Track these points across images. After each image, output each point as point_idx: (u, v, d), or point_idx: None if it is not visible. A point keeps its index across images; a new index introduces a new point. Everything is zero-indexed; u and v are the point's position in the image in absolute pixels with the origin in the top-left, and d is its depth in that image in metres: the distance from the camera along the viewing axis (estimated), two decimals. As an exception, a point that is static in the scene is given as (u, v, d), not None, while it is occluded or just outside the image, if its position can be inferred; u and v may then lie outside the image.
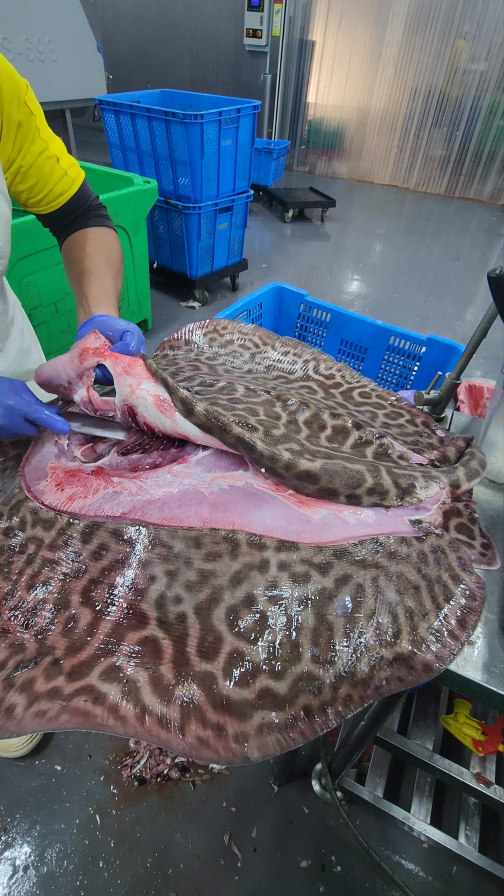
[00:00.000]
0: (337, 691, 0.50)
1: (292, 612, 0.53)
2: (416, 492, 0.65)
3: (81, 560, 0.58)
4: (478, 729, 1.04)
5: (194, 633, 0.52)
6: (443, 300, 3.77)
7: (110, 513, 0.61)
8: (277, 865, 1.19)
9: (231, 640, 0.51)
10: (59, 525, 0.61)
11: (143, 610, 0.54)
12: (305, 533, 0.59)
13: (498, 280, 0.72)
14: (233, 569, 0.56)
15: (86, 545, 0.59)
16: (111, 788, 1.29)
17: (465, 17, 5.24)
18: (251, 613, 0.53)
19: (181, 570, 0.56)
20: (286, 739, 0.47)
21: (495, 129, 5.70)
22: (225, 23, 6.01)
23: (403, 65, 5.75)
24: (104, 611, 0.54)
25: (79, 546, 0.59)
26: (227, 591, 0.54)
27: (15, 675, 0.50)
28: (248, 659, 0.50)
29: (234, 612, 0.53)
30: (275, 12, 5.62)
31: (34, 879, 1.15)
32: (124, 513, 0.61)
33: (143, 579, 0.56)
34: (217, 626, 0.52)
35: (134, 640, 0.52)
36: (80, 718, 0.46)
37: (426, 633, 0.54)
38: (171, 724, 0.46)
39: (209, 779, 1.32)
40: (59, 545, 0.59)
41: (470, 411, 1.58)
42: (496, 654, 0.61)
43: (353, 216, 5.43)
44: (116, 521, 0.60)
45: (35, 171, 0.81)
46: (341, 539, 0.60)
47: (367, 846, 1.15)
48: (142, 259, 2.76)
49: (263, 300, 1.69)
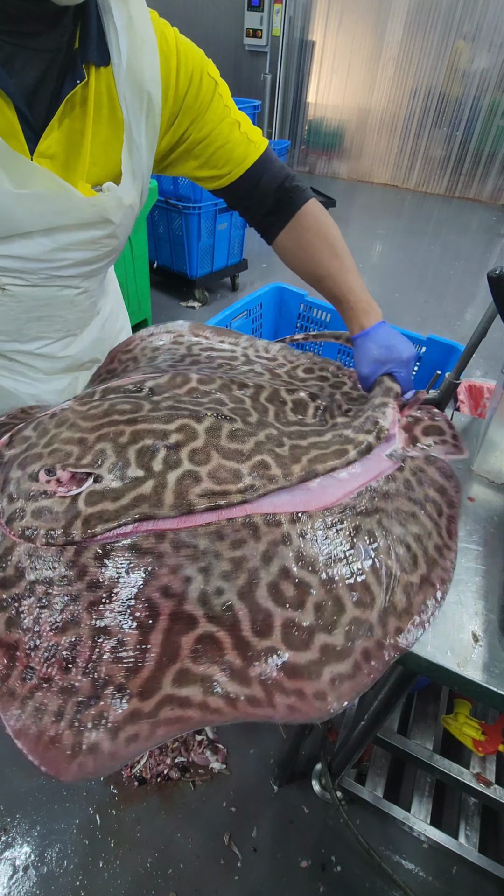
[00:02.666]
0: (386, 627, 0.56)
1: (324, 571, 0.58)
2: (381, 425, 0.71)
3: (105, 586, 0.55)
4: (478, 729, 1.04)
5: (244, 616, 0.53)
6: (443, 300, 3.77)
7: (121, 531, 0.57)
8: (277, 865, 1.19)
9: (280, 613, 0.54)
10: (65, 558, 0.56)
11: (188, 611, 0.53)
12: (310, 501, 0.62)
13: (498, 280, 0.72)
14: (260, 549, 0.58)
15: (103, 570, 0.55)
16: (111, 788, 1.29)
17: (465, 17, 5.25)
18: (290, 584, 0.56)
19: (213, 563, 0.56)
20: (359, 684, 0.52)
21: (495, 129, 5.70)
22: (225, 23, 6.02)
23: (403, 65, 5.76)
24: (150, 625, 0.52)
25: (97, 573, 0.55)
26: (262, 570, 0.56)
27: (79, 716, 0.48)
28: (300, 624, 0.54)
29: (274, 588, 0.55)
30: (275, 12, 5.63)
31: (34, 879, 1.15)
32: (135, 527, 0.57)
33: (178, 583, 0.55)
34: (263, 605, 0.54)
35: (190, 642, 0.52)
36: (177, 725, 0.47)
37: (434, 551, 0.64)
38: (260, 701, 0.49)
39: (209, 779, 1.32)
40: (72, 579, 0.55)
41: (470, 411, 1.58)
42: (496, 654, 0.61)
43: (353, 216, 5.43)
44: (129, 536, 0.57)
45: (218, 137, 0.78)
46: (342, 496, 0.64)
47: (367, 846, 1.15)
48: (142, 259, 2.76)
49: (263, 300, 1.69)
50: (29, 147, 0.64)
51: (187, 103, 0.75)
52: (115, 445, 0.60)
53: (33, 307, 0.79)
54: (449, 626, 0.63)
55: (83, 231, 0.72)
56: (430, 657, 0.60)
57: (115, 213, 0.73)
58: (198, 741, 1.36)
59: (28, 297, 0.77)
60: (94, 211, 0.70)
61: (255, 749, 1.37)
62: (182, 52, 0.73)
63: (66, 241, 0.71)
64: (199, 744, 1.36)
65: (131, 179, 0.73)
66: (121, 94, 0.67)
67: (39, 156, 0.65)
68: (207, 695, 0.49)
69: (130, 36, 0.64)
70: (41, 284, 0.76)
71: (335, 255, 0.83)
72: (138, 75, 0.66)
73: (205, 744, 1.36)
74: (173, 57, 0.72)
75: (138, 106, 0.68)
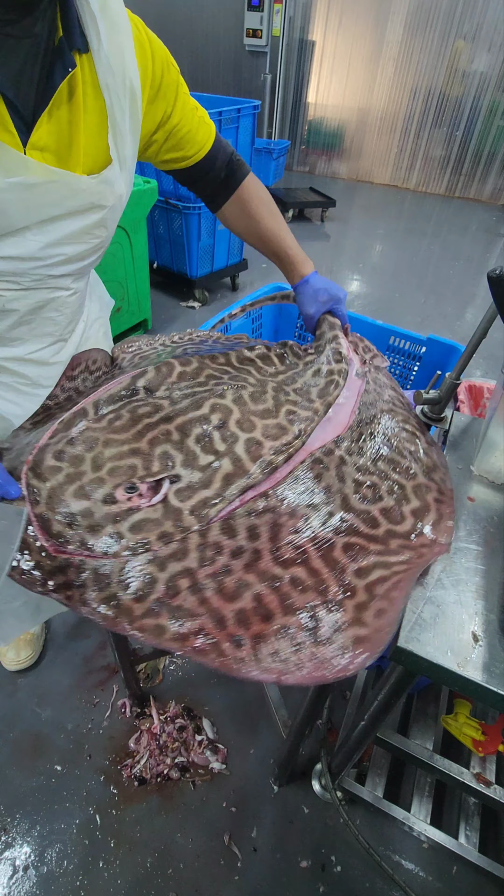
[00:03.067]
0: (431, 477, 0.75)
1: (376, 470, 0.72)
2: (343, 353, 0.86)
3: (248, 548, 0.59)
4: (478, 729, 1.04)
5: (358, 520, 0.65)
6: (443, 300, 3.77)
7: (230, 507, 0.63)
8: (277, 865, 1.19)
9: (375, 507, 0.67)
10: (192, 546, 0.59)
11: (322, 535, 0.62)
12: (336, 427, 0.76)
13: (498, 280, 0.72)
14: (333, 474, 0.69)
15: (238, 537, 0.60)
16: (111, 788, 1.29)
17: (465, 17, 5.25)
18: (365, 487, 0.69)
19: (314, 497, 0.66)
20: (450, 517, 0.70)
21: (495, 129, 5.70)
22: (225, 23, 6.01)
23: (403, 65, 5.76)
24: (305, 558, 0.60)
25: (233, 542, 0.60)
26: (344, 487, 0.68)
27: (318, 631, 0.54)
28: (389, 508, 0.68)
29: (359, 494, 0.69)
30: (275, 12, 5.63)
31: (34, 879, 1.15)
32: (241, 499, 0.63)
33: (301, 521, 0.63)
34: (363, 507, 0.67)
35: (341, 554, 0.61)
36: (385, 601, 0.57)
37: (416, 426, 0.84)
38: (414, 560, 0.64)
39: (209, 779, 1.32)
40: (210, 557, 0.58)
41: (470, 411, 1.58)
42: (496, 654, 0.61)
43: (353, 216, 5.43)
44: (241, 506, 0.63)
45: (186, 122, 0.84)
46: (351, 414, 0.78)
47: (367, 846, 1.16)
48: (142, 259, 2.76)
49: (263, 300, 1.69)
50: (21, 139, 0.63)
51: (162, 90, 0.77)
52: (173, 444, 0.65)
53: (26, 311, 0.79)
54: (449, 626, 0.63)
55: (77, 219, 0.72)
56: (430, 657, 0.60)
57: (108, 198, 0.73)
58: (198, 741, 1.36)
59: (20, 300, 0.77)
60: (87, 196, 0.70)
61: (255, 749, 1.37)
62: (153, 40, 0.74)
63: (59, 235, 0.71)
64: (199, 744, 1.36)
65: (119, 166, 0.73)
66: (102, 80, 0.66)
67: (32, 147, 0.64)
68: (376, 572, 0.60)
69: (107, 21, 0.63)
70: (33, 287, 0.76)
71: (273, 218, 0.96)
72: (118, 61, 0.66)
73: (205, 744, 1.36)
74: (147, 44, 0.72)
75: (121, 92, 0.68)
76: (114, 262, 2.56)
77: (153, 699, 1.44)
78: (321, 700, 1.03)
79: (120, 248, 2.56)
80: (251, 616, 0.54)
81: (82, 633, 1.60)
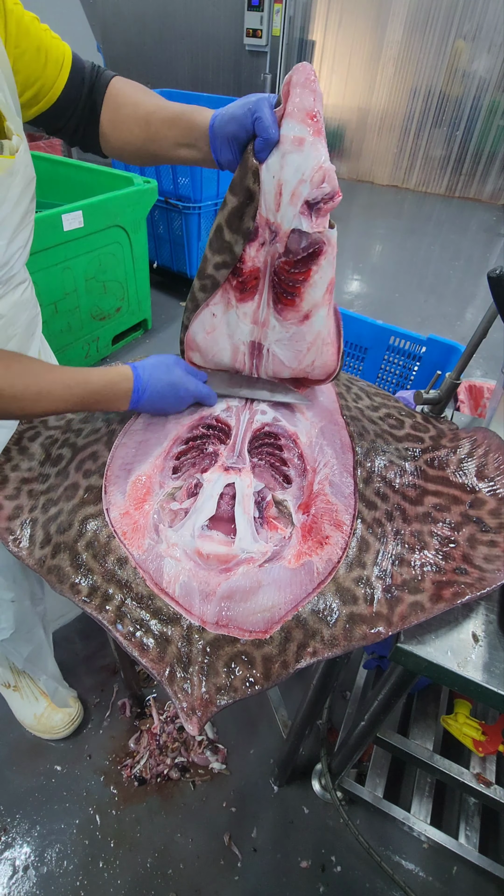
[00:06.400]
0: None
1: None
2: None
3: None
4: (478, 729, 1.04)
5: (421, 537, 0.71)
6: (443, 300, 3.77)
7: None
8: (277, 865, 1.19)
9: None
10: None
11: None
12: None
13: (498, 280, 0.72)
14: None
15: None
16: (111, 788, 1.29)
17: (465, 17, 5.24)
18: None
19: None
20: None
21: (495, 129, 5.69)
22: (225, 23, 6.01)
23: (403, 65, 5.75)
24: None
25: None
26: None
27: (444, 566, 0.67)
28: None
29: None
30: (275, 12, 5.62)
31: (34, 879, 1.15)
32: None
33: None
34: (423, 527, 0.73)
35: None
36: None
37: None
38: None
39: (209, 779, 1.32)
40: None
41: (470, 411, 1.58)
42: (496, 654, 0.61)
43: (353, 216, 5.42)
44: None
45: (34, 41, 0.68)
46: None
47: (367, 846, 1.15)
48: (142, 259, 2.76)
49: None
50: None
51: (21, 30, 0.66)
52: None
53: (4, 326, 0.78)
54: (449, 626, 0.63)
55: (15, 192, 0.68)
56: (430, 657, 0.60)
57: (21, 160, 0.67)
58: (198, 741, 1.36)
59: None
60: (12, 163, 0.65)
61: (255, 749, 1.37)
62: None
63: (9, 229, 0.69)
64: (199, 744, 1.36)
65: (10, 121, 0.66)
66: None
67: None
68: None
69: None
70: (3, 296, 0.76)
71: (159, 98, 0.76)
72: None
73: (205, 744, 1.36)
74: None
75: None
76: (114, 262, 2.56)
77: (153, 699, 1.44)
78: (321, 700, 1.03)
79: (120, 248, 2.56)
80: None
81: (82, 633, 1.60)
